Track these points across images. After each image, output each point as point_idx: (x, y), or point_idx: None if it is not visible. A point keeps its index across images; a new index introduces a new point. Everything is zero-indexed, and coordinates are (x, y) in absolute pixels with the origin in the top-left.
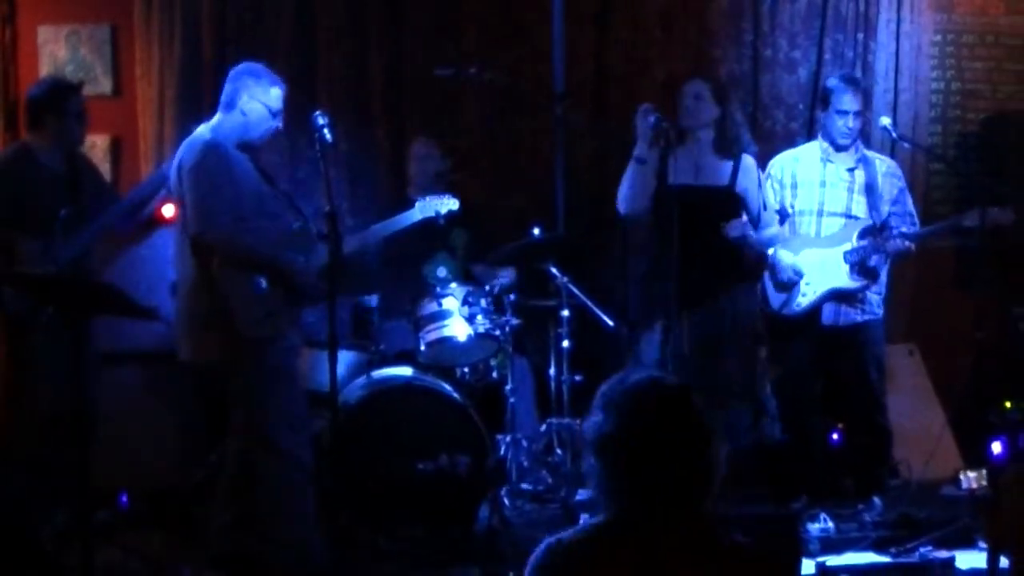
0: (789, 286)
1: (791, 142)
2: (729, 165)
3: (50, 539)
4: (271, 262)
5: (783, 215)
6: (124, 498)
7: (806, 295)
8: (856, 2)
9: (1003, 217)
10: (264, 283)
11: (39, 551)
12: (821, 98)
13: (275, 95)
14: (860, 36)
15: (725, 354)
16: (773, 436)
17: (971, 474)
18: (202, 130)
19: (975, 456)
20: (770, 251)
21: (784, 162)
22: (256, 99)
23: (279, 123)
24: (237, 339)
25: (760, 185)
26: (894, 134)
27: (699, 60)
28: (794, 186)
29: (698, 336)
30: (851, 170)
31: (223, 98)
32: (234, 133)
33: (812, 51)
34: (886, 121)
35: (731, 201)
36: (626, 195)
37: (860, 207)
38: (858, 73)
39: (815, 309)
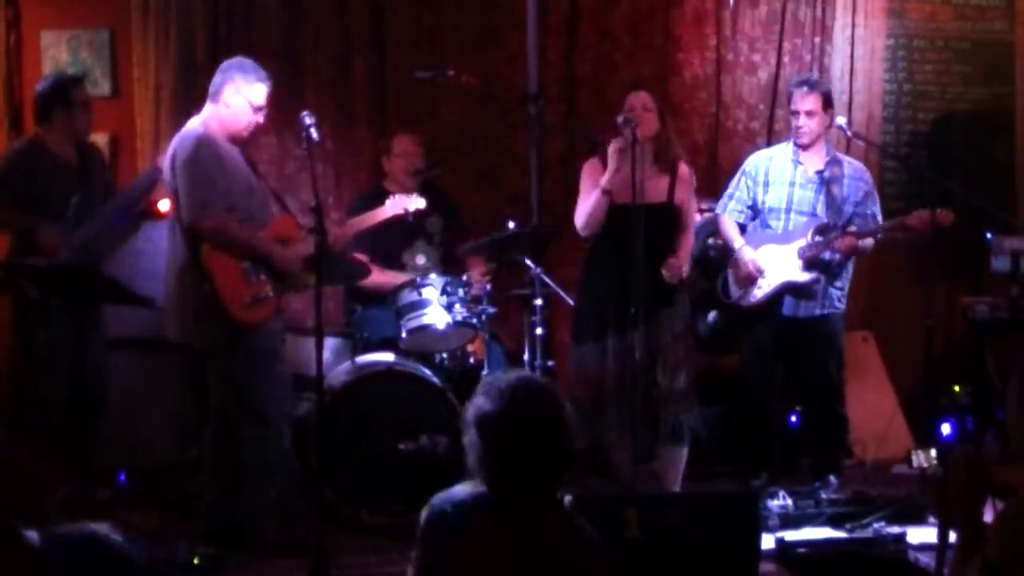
0: (749, 281)
1: (751, 140)
2: (665, 179)
3: (52, 513)
4: (259, 250)
5: (755, 210)
6: (122, 476)
7: (761, 287)
8: (813, 8)
9: (943, 218)
10: (252, 270)
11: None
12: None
13: (258, 91)
14: (817, 40)
15: (676, 356)
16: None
17: (921, 454)
18: (193, 123)
19: (925, 436)
20: (736, 246)
21: (758, 161)
22: (240, 93)
23: (261, 118)
24: (226, 323)
25: (691, 192)
26: (849, 133)
27: (664, 63)
28: (766, 184)
29: (648, 343)
30: (819, 172)
31: (211, 87)
32: (220, 125)
33: (772, 55)
34: (841, 120)
35: (671, 215)
36: (589, 221)
37: (824, 208)
38: (815, 75)
39: (775, 300)
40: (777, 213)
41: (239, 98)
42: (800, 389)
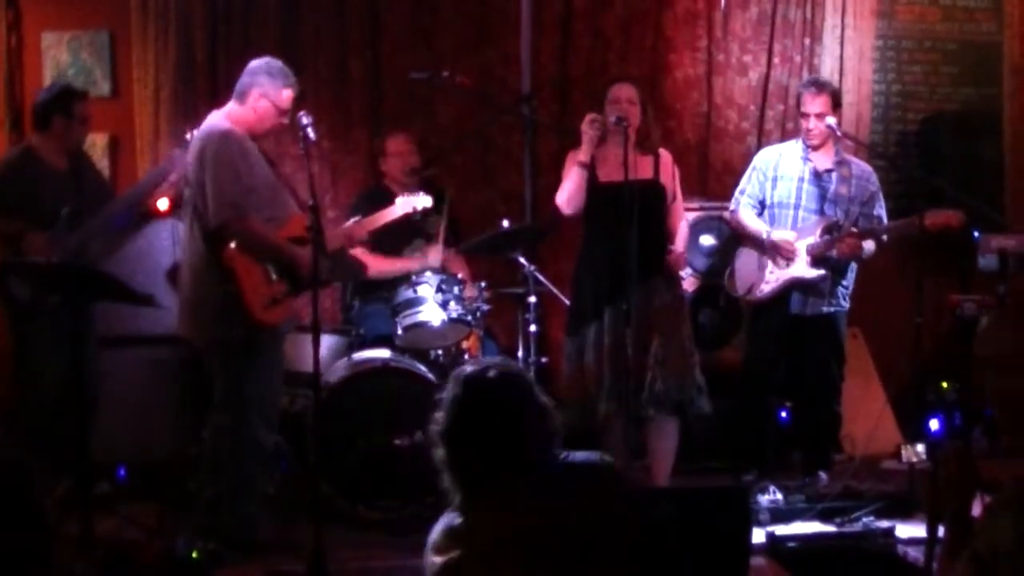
0: (788, 257)
1: (742, 140)
2: (649, 159)
3: (53, 509)
4: (282, 252)
5: (763, 205)
6: (122, 471)
7: (768, 282)
8: (803, 10)
9: (955, 220)
10: (272, 271)
11: (42, 520)
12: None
13: (285, 96)
14: (807, 41)
15: (664, 327)
16: (702, 410)
17: (910, 449)
18: (217, 118)
19: (914, 432)
20: (764, 235)
21: (768, 156)
22: (267, 97)
23: (285, 120)
24: (246, 323)
25: (675, 176)
26: (838, 132)
27: (656, 64)
28: (775, 179)
29: (640, 309)
30: (828, 171)
31: (237, 87)
32: (244, 125)
33: (762, 55)
34: (831, 120)
35: (658, 192)
36: (571, 196)
37: (831, 206)
38: (805, 75)
39: (784, 298)
40: (786, 209)
41: (265, 102)
42: (799, 386)
